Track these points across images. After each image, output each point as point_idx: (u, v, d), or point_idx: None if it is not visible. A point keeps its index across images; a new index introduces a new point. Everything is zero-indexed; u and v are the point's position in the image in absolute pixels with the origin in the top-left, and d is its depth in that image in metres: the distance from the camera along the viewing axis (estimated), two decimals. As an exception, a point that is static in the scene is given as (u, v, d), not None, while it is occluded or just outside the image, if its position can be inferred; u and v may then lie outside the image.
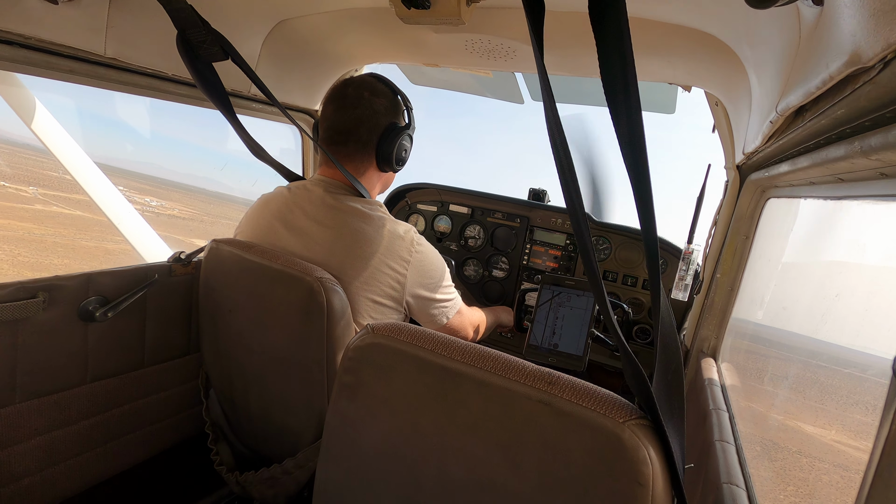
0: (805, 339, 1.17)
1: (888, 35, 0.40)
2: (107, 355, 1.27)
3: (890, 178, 0.64)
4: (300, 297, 1.03)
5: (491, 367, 0.66)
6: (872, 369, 0.86)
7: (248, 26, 1.41)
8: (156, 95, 1.37)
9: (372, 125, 1.21)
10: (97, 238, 14.97)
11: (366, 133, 1.21)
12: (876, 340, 0.86)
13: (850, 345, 0.98)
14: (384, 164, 1.25)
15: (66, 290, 1.15)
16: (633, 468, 0.55)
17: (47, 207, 18.23)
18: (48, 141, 1.92)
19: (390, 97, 1.24)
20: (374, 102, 1.21)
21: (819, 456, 1.20)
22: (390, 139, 1.22)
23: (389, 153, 1.23)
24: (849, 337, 0.98)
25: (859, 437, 0.99)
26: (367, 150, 1.23)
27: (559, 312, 1.50)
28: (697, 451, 1.07)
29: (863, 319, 0.90)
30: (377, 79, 1.25)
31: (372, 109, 1.20)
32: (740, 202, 1.40)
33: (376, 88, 1.22)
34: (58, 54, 1.09)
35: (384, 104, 1.22)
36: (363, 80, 1.23)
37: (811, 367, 1.17)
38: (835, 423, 1.13)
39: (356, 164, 1.24)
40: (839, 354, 1.04)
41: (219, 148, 31.27)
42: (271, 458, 1.23)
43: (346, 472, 0.78)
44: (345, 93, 1.21)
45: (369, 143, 1.22)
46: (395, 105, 1.25)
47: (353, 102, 1.20)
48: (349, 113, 1.20)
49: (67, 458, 1.23)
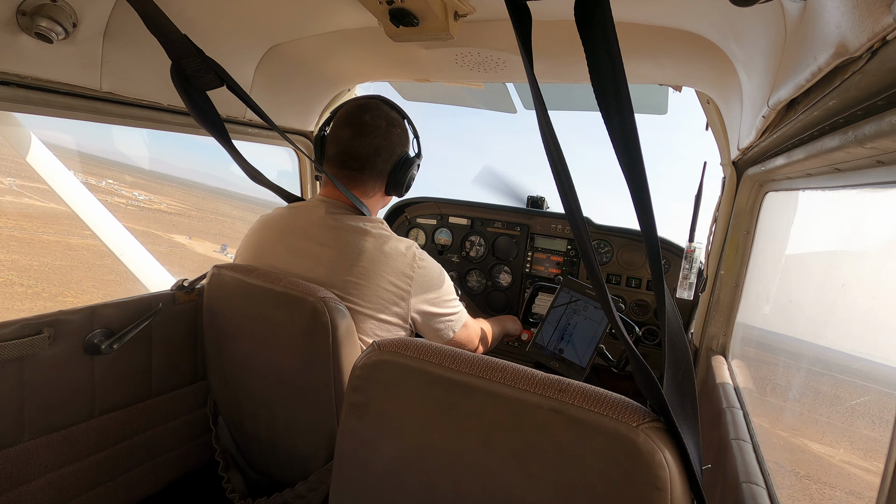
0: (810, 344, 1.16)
1: (873, 24, 0.40)
2: (114, 388, 1.27)
3: (886, 164, 0.64)
4: (304, 317, 1.02)
5: (500, 378, 0.65)
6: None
7: (240, 53, 1.43)
8: (152, 126, 1.39)
9: (388, 155, 1.25)
10: (62, 232, 14.45)
11: (382, 162, 1.25)
12: (886, 332, 0.85)
13: (859, 344, 0.97)
14: (393, 191, 1.31)
15: (70, 325, 1.15)
16: (650, 472, 0.54)
17: (18, 199, 17.80)
18: (48, 177, 1.93)
19: (403, 126, 1.29)
20: (391, 133, 1.25)
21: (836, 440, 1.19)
22: (403, 169, 1.28)
23: (401, 182, 1.29)
24: (858, 328, 0.97)
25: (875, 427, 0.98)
26: (381, 178, 1.27)
27: (572, 319, 1.49)
28: (714, 450, 1.06)
29: (871, 309, 0.89)
30: (391, 106, 1.28)
31: (389, 140, 1.24)
32: (739, 198, 1.40)
33: (392, 118, 1.26)
34: (55, 91, 1.11)
35: (398, 134, 1.27)
36: (379, 108, 1.26)
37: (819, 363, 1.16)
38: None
39: (366, 188, 1.27)
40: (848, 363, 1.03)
41: None
42: (283, 482, 1.21)
43: (360, 493, 0.77)
44: (363, 119, 1.23)
45: (384, 171, 1.27)
46: (407, 134, 1.30)
47: (371, 131, 1.23)
48: (367, 141, 1.22)
49: (78, 493, 1.22)
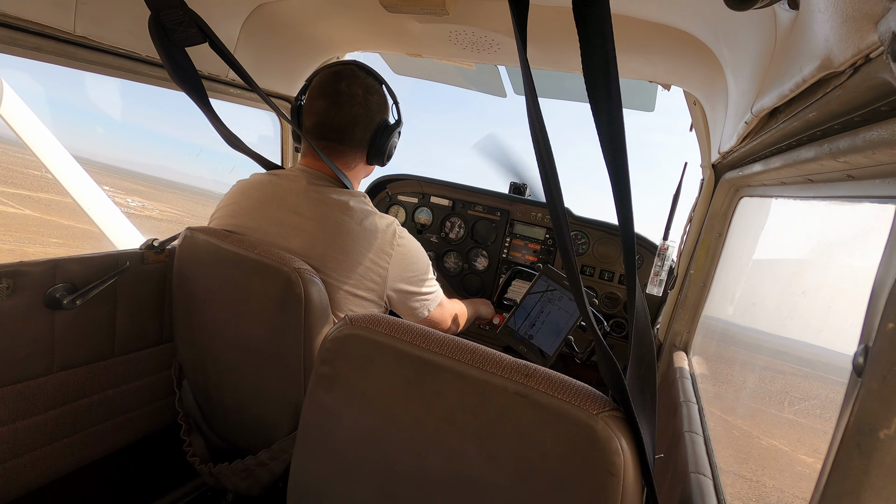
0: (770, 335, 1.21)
1: (858, 41, 0.41)
2: (75, 344, 1.24)
3: (856, 179, 0.66)
4: (277, 287, 1.01)
5: (468, 359, 0.66)
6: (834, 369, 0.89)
7: (225, 9, 1.36)
8: (128, 77, 1.32)
9: (367, 123, 1.22)
10: (25, 240, 13.43)
11: (361, 132, 1.22)
12: (840, 335, 0.89)
13: (813, 341, 1.02)
14: (374, 160, 1.27)
15: (31, 277, 1.11)
16: (605, 458, 0.56)
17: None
18: (13, 122, 1.83)
19: (381, 93, 1.25)
20: (369, 101, 1.21)
21: (782, 435, 1.26)
22: (384, 138, 1.24)
23: (382, 151, 1.25)
24: (813, 332, 1.01)
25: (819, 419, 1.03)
26: (361, 148, 1.24)
27: (546, 308, 1.52)
28: (668, 441, 1.10)
29: (826, 316, 0.94)
30: (367, 72, 1.23)
31: (367, 108, 1.21)
32: (714, 200, 1.44)
33: (369, 85, 1.22)
34: (23, 30, 1.04)
35: (377, 101, 1.23)
36: (355, 75, 1.21)
37: (776, 362, 1.21)
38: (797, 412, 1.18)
39: (347, 160, 1.24)
40: (804, 352, 1.08)
41: (229, 151, 29.93)
42: (246, 449, 1.21)
43: (322, 464, 0.78)
44: (338, 88, 1.19)
45: (363, 140, 1.23)
46: (385, 101, 1.26)
47: (348, 101, 1.19)
48: (344, 111, 1.19)
49: (32, 449, 1.19)
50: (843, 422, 0.29)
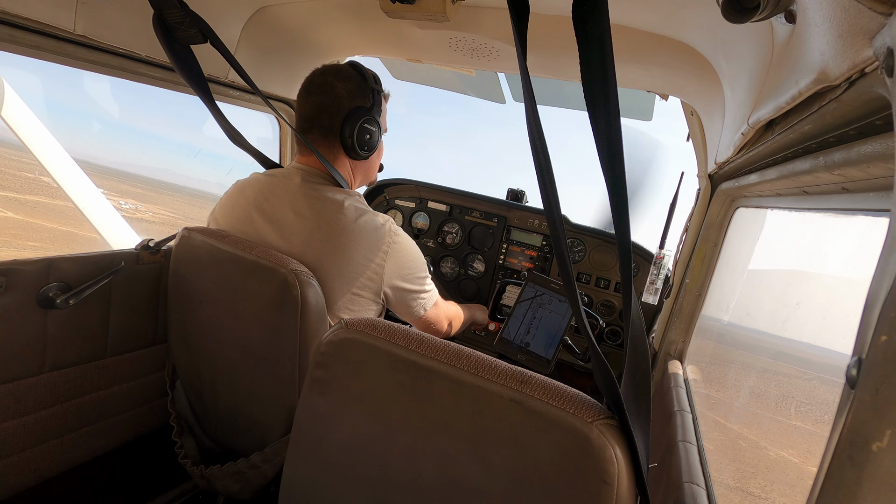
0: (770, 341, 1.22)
1: (854, 55, 0.41)
2: (67, 344, 1.23)
3: (851, 192, 0.67)
4: (274, 289, 1.01)
5: (463, 365, 0.66)
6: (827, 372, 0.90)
7: (227, 11, 1.37)
8: (129, 77, 1.32)
9: (334, 110, 1.17)
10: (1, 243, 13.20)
11: (328, 118, 1.17)
12: (832, 346, 0.90)
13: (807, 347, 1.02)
14: (350, 151, 1.20)
15: (24, 275, 1.10)
16: (599, 467, 0.56)
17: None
18: (13, 123, 1.83)
19: (357, 80, 1.19)
20: (335, 87, 1.16)
21: (773, 442, 1.26)
22: (350, 123, 1.17)
23: (351, 137, 1.17)
24: (808, 340, 1.02)
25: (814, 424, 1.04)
26: (332, 138, 1.19)
27: (538, 313, 1.52)
28: (662, 450, 1.10)
29: (820, 327, 0.94)
30: (349, 65, 1.22)
31: (334, 94, 1.16)
32: (711, 210, 1.44)
33: (342, 73, 1.19)
34: (23, 28, 1.04)
35: (348, 88, 1.17)
36: (331, 66, 1.20)
37: (769, 371, 1.22)
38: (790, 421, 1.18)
39: (324, 151, 1.21)
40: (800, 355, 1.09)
41: (227, 152, 29.55)
42: (238, 451, 1.21)
43: (315, 468, 0.77)
44: (311, 79, 1.20)
45: (332, 129, 1.18)
46: (362, 88, 1.19)
47: (317, 88, 1.18)
48: (313, 98, 1.18)
49: (21, 449, 1.18)
50: (835, 434, 0.29)
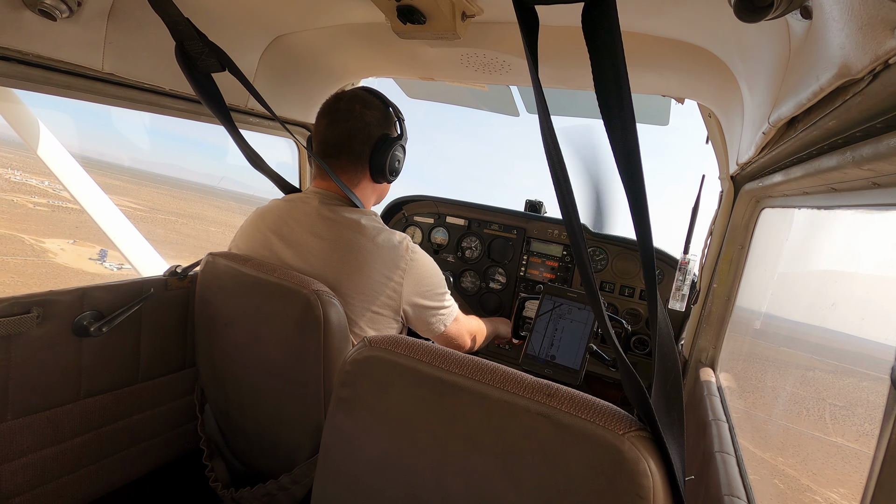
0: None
1: (876, 47, 0.40)
2: (101, 371, 1.26)
3: (882, 187, 0.65)
4: (297, 310, 1.02)
5: (489, 380, 0.65)
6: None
7: (245, 41, 1.42)
8: (154, 110, 1.38)
9: (364, 137, 1.22)
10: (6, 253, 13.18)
11: (358, 145, 1.23)
12: (872, 346, 0.86)
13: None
14: (378, 176, 1.27)
15: (60, 305, 1.14)
16: (633, 481, 0.54)
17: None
18: (45, 156, 1.92)
19: (381, 109, 1.26)
20: (365, 115, 1.22)
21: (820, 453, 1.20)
22: (383, 150, 1.24)
23: (383, 164, 1.24)
24: (847, 347, 0.98)
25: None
26: (361, 162, 1.24)
27: (559, 324, 1.50)
28: (698, 462, 1.06)
29: (859, 329, 0.90)
30: (368, 91, 1.27)
31: (364, 122, 1.22)
32: (735, 212, 1.41)
33: (367, 101, 1.24)
34: (55, 70, 1.10)
35: (376, 116, 1.24)
36: (354, 94, 1.25)
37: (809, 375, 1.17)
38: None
39: (350, 175, 1.25)
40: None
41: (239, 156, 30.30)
42: (267, 473, 1.21)
43: (344, 488, 0.77)
44: (336, 107, 1.23)
45: (362, 154, 1.24)
46: (387, 116, 1.27)
47: (344, 116, 1.22)
48: (341, 126, 1.22)
49: (59, 476, 1.21)
50: (884, 438, 0.27)
